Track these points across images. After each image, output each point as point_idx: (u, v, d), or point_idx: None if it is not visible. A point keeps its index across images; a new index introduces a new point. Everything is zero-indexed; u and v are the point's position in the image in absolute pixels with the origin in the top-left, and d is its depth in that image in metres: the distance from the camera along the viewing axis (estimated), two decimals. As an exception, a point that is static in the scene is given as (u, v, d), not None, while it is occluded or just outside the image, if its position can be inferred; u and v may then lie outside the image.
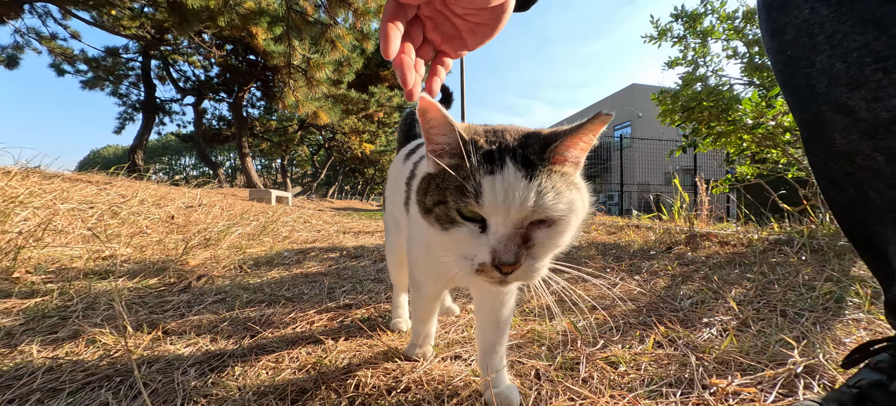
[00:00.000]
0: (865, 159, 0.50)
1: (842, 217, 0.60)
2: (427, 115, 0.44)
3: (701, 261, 1.74)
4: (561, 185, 0.43)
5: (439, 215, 0.44)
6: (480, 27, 0.52)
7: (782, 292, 1.16)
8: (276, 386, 0.71)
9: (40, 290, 1.47)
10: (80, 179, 4.11)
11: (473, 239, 0.42)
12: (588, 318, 0.99)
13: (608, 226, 3.37)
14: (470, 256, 0.42)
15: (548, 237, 0.43)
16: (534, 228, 0.42)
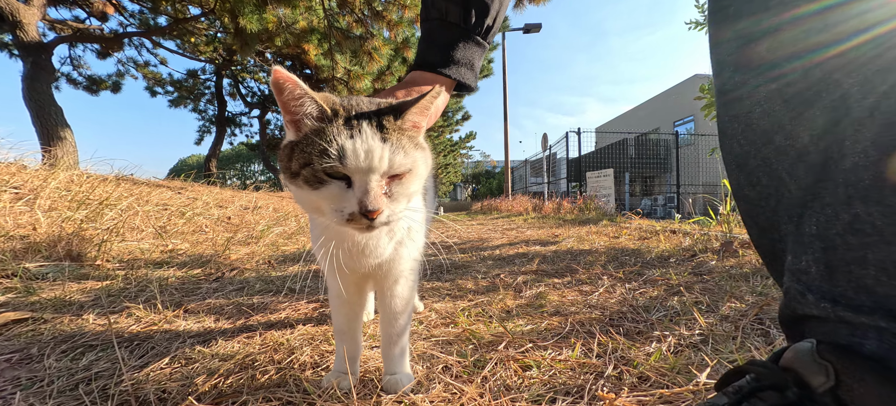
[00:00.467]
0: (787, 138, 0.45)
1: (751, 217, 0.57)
2: (285, 86, 0.47)
3: (721, 271, 1.61)
4: (408, 145, 0.50)
5: (307, 177, 0.48)
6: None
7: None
8: (237, 353, 0.85)
9: (112, 275, 1.82)
10: (162, 185, 4.85)
11: (342, 194, 0.48)
12: (539, 323, 1.00)
13: (643, 230, 3.19)
14: (340, 208, 0.47)
15: (400, 187, 0.50)
16: (390, 182, 0.50)
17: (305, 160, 0.48)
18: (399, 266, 0.64)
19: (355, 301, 0.69)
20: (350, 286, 0.68)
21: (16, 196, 2.75)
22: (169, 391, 0.71)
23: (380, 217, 0.47)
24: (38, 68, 5.12)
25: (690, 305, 1.13)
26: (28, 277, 1.67)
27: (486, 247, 2.71)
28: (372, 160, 0.47)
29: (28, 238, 2.14)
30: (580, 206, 5.66)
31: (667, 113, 15.12)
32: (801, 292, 0.42)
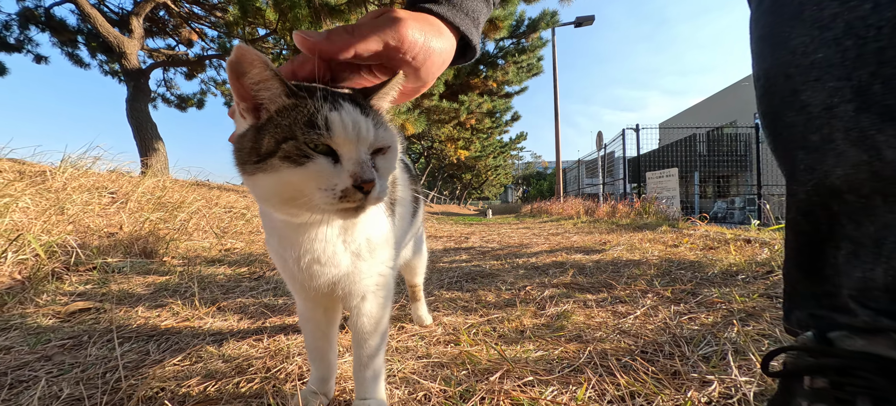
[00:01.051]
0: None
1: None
2: (252, 67, 0.42)
3: None
4: (386, 121, 0.49)
5: (289, 153, 0.41)
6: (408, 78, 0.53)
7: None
8: (239, 356, 0.86)
9: (172, 271, 2.03)
10: (230, 189, 5.41)
11: (331, 169, 0.43)
12: (552, 350, 0.88)
13: (709, 238, 2.79)
14: (331, 186, 0.42)
15: (386, 162, 0.48)
16: (374, 157, 0.47)
17: (286, 134, 0.42)
18: (361, 282, 0.58)
19: (322, 319, 0.65)
20: (314, 303, 0.63)
21: (112, 199, 3.22)
22: (165, 389, 0.74)
23: (373, 191, 0.43)
24: (138, 90, 6.00)
25: (753, 341, 0.93)
26: (107, 270, 1.92)
27: (523, 253, 2.56)
28: (360, 131, 0.44)
29: (115, 236, 2.48)
30: (638, 210, 5.17)
31: (745, 103, 13.25)
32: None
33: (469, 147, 15.41)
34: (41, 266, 1.70)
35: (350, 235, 0.55)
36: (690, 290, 1.39)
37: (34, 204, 2.44)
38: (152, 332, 1.13)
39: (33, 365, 0.93)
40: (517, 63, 9.29)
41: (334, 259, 0.54)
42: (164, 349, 1.00)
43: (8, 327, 1.20)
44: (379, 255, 0.58)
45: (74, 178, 3.26)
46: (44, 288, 1.57)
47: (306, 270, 0.53)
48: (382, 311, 0.62)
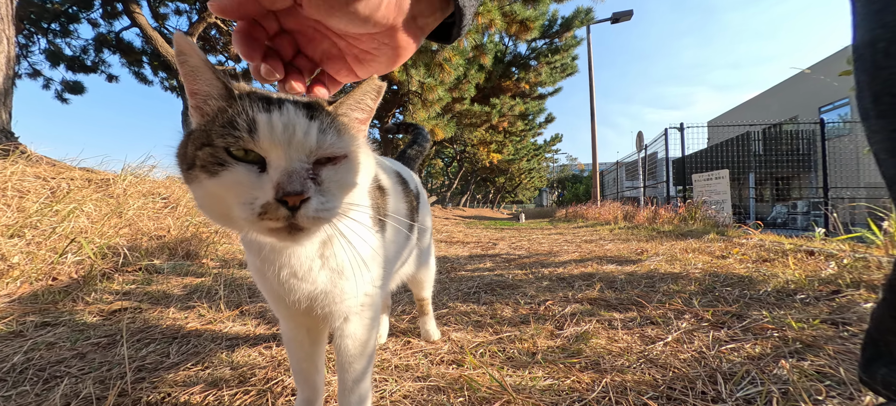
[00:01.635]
0: None
1: None
2: (189, 58, 0.38)
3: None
4: (344, 129, 0.42)
5: (204, 160, 0.37)
6: (367, 55, 0.43)
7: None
8: (244, 364, 0.87)
9: (208, 273, 2.15)
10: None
11: (252, 179, 0.36)
12: (563, 378, 0.80)
13: (764, 249, 2.50)
14: (250, 200, 0.35)
15: (336, 173, 0.39)
16: (320, 167, 0.39)
17: (204, 140, 0.37)
18: (344, 302, 0.54)
19: (305, 340, 0.61)
20: (297, 324, 0.60)
21: (164, 204, 3.51)
22: (171, 395, 0.75)
23: (306, 207, 0.35)
24: (191, 102, 6.54)
25: (810, 381, 0.79)
26: (151, 271, 2.07)
27: (551, 263, 2.44)
28: (293, 134, 0.37)
29: (163, 239, 2.67)
30: (682, 215, 4.79)
31: (808, 96, 11.84)
32: None
33: (502, 150, 15.21)
34: (94, 268, 1.86)
35: (329, 250, 0.51)
36: (736, 312, 1.23)
37: (96, 209, 2.70)
38: (176, 333, 1.18)
39: (69, 361, 1.00)
40: (550, 63, 9.04)
41: (310, 275, 0.50)
42: (183, 352, 1.04)
43: (57, 323, 1.31)
44: (365, 274, 0.55)
45: (133, 185, 3.58)
46: (93, 287, 1.71)
47: (284, 284, 0.50)
48: (369, 332, 0.58)
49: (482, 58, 6.57)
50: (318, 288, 0.52)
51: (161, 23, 8.07)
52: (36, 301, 1.49)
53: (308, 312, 0.54)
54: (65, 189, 2.95)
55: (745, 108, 15.45)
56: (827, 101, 11.15)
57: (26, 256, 1.85)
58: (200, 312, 1.39)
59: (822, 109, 11.24)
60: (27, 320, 1.32)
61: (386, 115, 12.84)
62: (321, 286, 0.52)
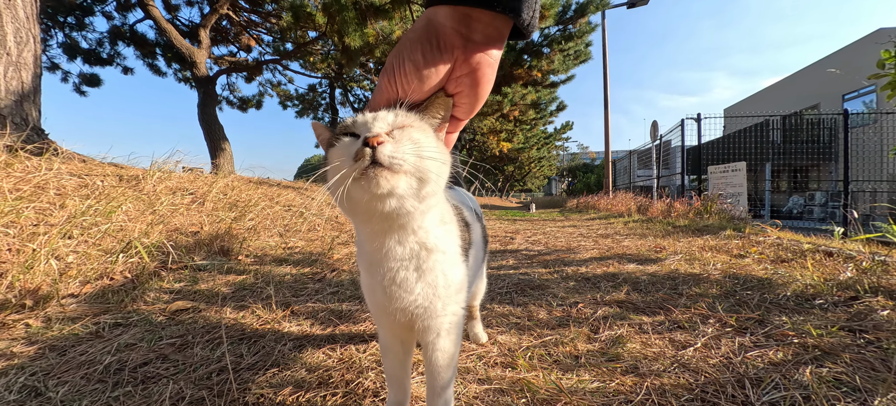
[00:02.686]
0: None
1: None
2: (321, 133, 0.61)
3: (894, 329, 1.19)
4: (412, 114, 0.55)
5: (329, 145, 0.56)
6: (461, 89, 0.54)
7: None
8: (320, 367, 0.98)
9: (247, 270, 2.27)
10: (289, 186, 5.82)
11: (352, 143, 0.52)
12: (608, 381, 0.89)
13: (782, 248, 2.55)
14: (350, 154, 0.50)
15: (403, 133, 0.52)
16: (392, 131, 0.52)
17: (330, 142, 0.56)
18: (437, 319, 0.64)
19: (400, 350, 0.71)
20: (394, 336, 0.70)
21: (192, 199, 3.64)
22: (264, 397, 0.86)
23: (383, 148, 0.48)
24: (207, 96, 6.62)
25: (828, 387, 0.87)
26: (194, 269, 2.20)
27: (572, 261, 2.52)
28: (376, 116, 0.52)
29: (197, 235, 2.81)
30: (697, 209, 4.82)
31: (832, 84, 11.49)
32: None
33: (512, 139, 15.17)
34: (145, 267, 1.98)
35: (423, 264, 0.60)
36: (758, 318, 1.31)
37: (134, 207, 2.84)
38: (242, 334, 1.29)
39: (155, 363, 1.12)
40: (563, 51, 8.93)
41: (408, 284, 0.60)
42: (254, 352, 1.15)
43: (128, 324, 1.43)
44: (455, 296, 0.64)
45: (161, 181, 3.72)
46: (148, 286, 1.84)
47: (387, 291, 0.60)
48: (455, 347, 0.68)
49: (495, 47, 6.55)
50: (417, 301, 0.61)
51: (173, 15, 8.11)
52: (103, 301, 1.62)
53: (408, 326, 0.64)
54: (100, 187, 3.09)
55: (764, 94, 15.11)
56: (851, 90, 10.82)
57: (81, 256, 1.98)
58: (255, 312, 1.51)
59: (846, 97, 10.90)
60: (100, 320, 1.44)
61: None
62: (420, 300, 0.61)
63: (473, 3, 0.47)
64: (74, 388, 0.98)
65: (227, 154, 6.53)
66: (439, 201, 0.60)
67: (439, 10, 0.50)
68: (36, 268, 1.71)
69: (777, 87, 14.59)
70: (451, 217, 0.64)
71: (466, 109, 0.57)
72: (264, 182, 5.32)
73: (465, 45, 0.50)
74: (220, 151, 6.40)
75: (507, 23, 0.50)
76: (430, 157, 0.52)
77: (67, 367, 1.10)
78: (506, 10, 0.47)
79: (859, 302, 1.43)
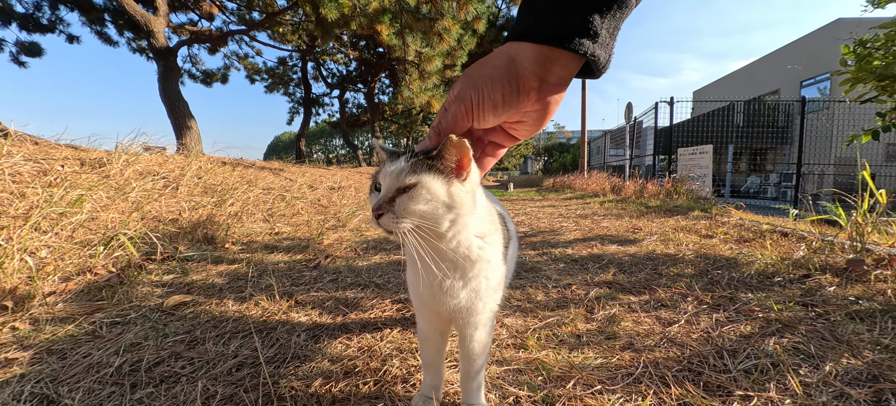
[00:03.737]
0: None
1: None
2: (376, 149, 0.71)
3: (839, 303, 1.35)
4: (422, 169, 0.59)
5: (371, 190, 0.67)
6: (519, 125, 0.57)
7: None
8: (342, 356, 1.03)
9: (237, 258, 2.23)
10: (265, 167, 5.62)
11: (374, 197, 0.62)
12: (610, 357, 1.00)
13: (744, 229, 2.80)
14: (371, 203, 0.62)
15: (406, 198, 0.58)
16: (397, 193, 0.59)
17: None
18: (476, 316, 0.71)
19: (438, 340, 0.79)
20: (433, 327, 0.78)
21: (165, 184, 3.46)
22: (296, 390, 0.90)
23: (382, 220, 0.58)
24: (168, 69, 6.15)
25: (788, 355, 1.02)
26: (181, 260, 2.14)
27: (558, 243, 2.66)
28: (387, 176, 0.60)
29: (177, 222, 2.70)
30: (667, 190, 5.13)
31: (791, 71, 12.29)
32: None
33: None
34: (131, 259, 1.91)
35: (469, 273, 0.67)
36: (729, 296, 1.47)
37: (104, 194, 2.67)
38: (250, 327, 1.31)
39: (168, 361, 1.11)
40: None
41: (452, 291, 0.67)
42: (270, 345, 1.18)
43: (127, 321, 1.40)
44: (493, 296, 0.72)
45: (129, 164, 3.50)
46: (136, 280, 1.79)
47: (435, 298, 0.68)
48: (489, 337, 0.76)
49: (476, 23, 6.46)
50: (461, 304, 0.68)
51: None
52: (91, 298, 1.57)
53: (448, 320, 0.73)
54: (62, 173, 2.88)
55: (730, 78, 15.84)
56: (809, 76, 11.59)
57: (56, 251, 1.88)
58: (259, 303, 1.51)
59: (804, 83, 11.71)
60: (96, 319, 1.40)
61: (372, 80, 12.47)
62: (463, 303, 0.69)
63: (555, 43, 0.47)
64: (90, 394, 0.97)
65: (194, 133, 6.16)
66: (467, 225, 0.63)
67: (522, 49, 0.49)
68: (7, 265, 1.62)
69: (742, 71, 15.34)
70: (492, 226, 0.70)
71: (526, 133, 0.59)
72: (239, 163, 5.10)
73: (541, 87, 0.50)
74: (187, 130, 6.03)
75: (580, 62, 0.49)
76: (431, 215, 0.58)
77: (74, 371, 1.08)
78: (586, 53, 0.46)
79: (811, 279, 1.63)
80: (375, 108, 12.58)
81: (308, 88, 11.15)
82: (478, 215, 0.65)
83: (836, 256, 1.90)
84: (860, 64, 2.37)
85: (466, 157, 0.57)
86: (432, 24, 5.44)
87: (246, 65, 9.74)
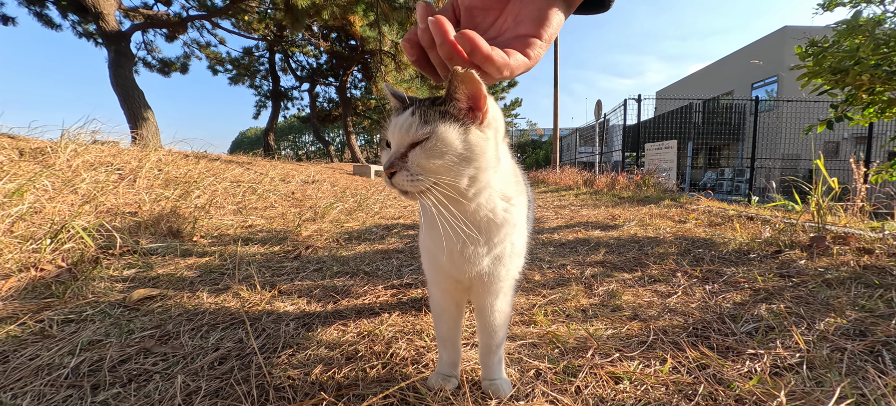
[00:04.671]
0: None
1: None
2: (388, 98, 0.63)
3: (812, 274, 1.45)
4: (434, 117, 0.53)
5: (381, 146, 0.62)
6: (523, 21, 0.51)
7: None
8: (341, 343, 0.95)
9: (208, 251, 2.06)
10: (232, 161, 5.29)
11: (385, 154, 0.58)
12: (620, 328, 1.00)
13: (712, 214, 2.96)
14: (383, 162, 0.57)
15: (419, 153, 0.53)
16: (410, 148, 0.54)
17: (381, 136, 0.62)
18: (498, 284, 0.67)
19: (454, 312, 0.74)
20: (449, 298, 0.72)
21: (120, 176, 3.16)
22: (293, 378, 0.82)
23: (395, 179, 0.53)
24: (119, 55, 5.65)
25: (783, 318, 1.06)
26: (144, 253, 1.95)
27: (543, 230, 2.68)
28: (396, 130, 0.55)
29: (136, 216, 2.46)
30: (637, 182, 5.34)
31: (744, 73, 13.34)
32: None
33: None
34: (85, 253, 1.71)
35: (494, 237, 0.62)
36: (715, 270, 1.53)
37: (50, 186, 2.39)
38: (232, 318, 1.19)
39: (137, 358, 0.99)
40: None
41: (474, 257, 0.62)
42: (256, 335, 1.08)
43: (83, 319, 1.24)
44: (516, 262, 0.67)
45: (77, 155, 3.16)
46: (92, 275, 1.60)
47: (454, 265, 0.63)
48: (510, 308, 0.72)
49: (452, 19, 6.40)
50: (484, 271, 0.63)
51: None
52: (38, 296, 1.38)
53: (465, 290, 0.68)
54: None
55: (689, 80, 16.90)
56: (759, 78, 12.62)
57: (-9, 245, 1.65)
58: (239, 294, 1.39)
59: (755, 85, 12.75)
60: (44, 317, 1.23)
61: (344, 73, 12.09)
62: (486, 269, 0.64)
63: None
64: (41, 398, 0.83)
65: (151, 125, 5.70)
66: (489, 183, 0.57)
67: None
68: (-68, 261, 1.40)
69: (700, 73, 16.39)
70: (517, 187, 0.64)
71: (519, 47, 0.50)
72: (203, 156, 4.76)
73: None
74: (143, 121, 5.57)
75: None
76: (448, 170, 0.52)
77: (18, 374, 0.93)
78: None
79: (782, 254, 1.73)
80: (348, 103, 12.23)
81: (276, 81, 10.62)
82: (502, 172, 0.60)
83: (799, 236, 2.03)
84: (816, 59, 2.56)
85: (479, 91, 0.51)
86: (409, 14, 5.34)
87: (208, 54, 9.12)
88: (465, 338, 0.96)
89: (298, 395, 0.74)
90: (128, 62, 5.87)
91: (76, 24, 7.08)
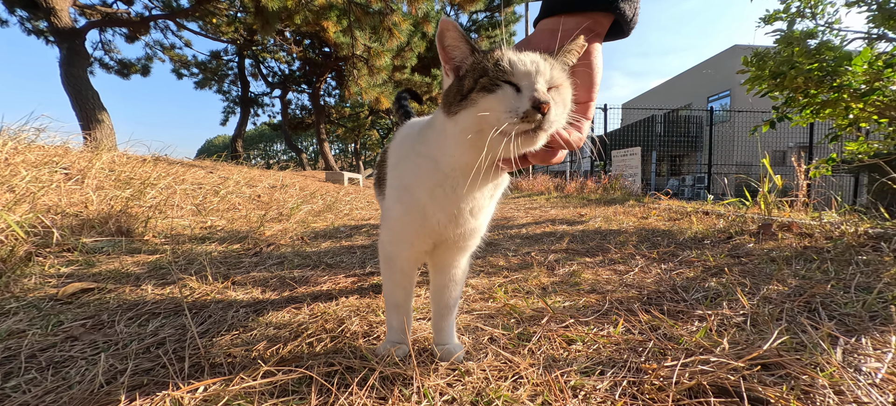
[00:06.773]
0: None
1: None
2: (448, 32, 0.55)
3: (760, 254, 1.55)
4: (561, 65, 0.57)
5: (485, 85, 0.53)
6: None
7: (831, 293, 1.02)
8: (290, 322, 0.90)
9: (160, 249, 1.94)
10: (195, 165, 5.05)
11: (514, 96, 0.52)
12: (577, 300, 1.01)
13: (673, 211, 3.10)
14: (514, 108, 0.51)
15: (559, 95, 0.55)
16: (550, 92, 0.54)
17: (481, 73, 0.54)
18: (474, 241, 0.68)
19: (413, 277, 0.74)
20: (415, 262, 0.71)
21: (66, 176, 2.93)
22: (234, 356, 0.77)
23: (550, 113, 0.51)
24: (72, 53, 5.32)
25: (731, 286, 1.11)
26: (86, 251, 1.80)
27: (512, 226, 2.71)
28: (538, 66, 0.53)
29: (81, 215, 2.28)
30: (605, 186, 5.53)
31: (700, 87, 14.37)
32: None
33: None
34: (15, 248, 1.56)
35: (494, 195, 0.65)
36: (671, 252, 1.59)
37: (-21, 181, 2.18)
38: (176, 307, 1.12)
39: (61, 345, 0.90)
40: (491, 38, 9.28)
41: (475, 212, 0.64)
42: (200, 322, 1.01)
43: (5, 312, 1.12)
44: (484, 227, 0.70)
45: (18, 152, 2.91)
46: (23, 272, 1.46)
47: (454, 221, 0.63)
48: (468, 265, 0.75)
49: (426, 26, 6.48)
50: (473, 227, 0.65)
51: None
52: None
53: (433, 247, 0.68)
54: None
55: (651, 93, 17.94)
56: (714, 92, 13.61)
57: None
58: (188, 285, 1.31)
59: (710, 98, 13.72)
60: (-43, 309, 1.11)
61: (317, 80, 11.91)
62: (477, 226, 0.66)
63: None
64: (-57, 384, 0.74)
65: (105, 127, 5.37)
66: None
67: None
68: None
69: (661, 87, 17.43)
70: None
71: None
72: (162, 159, 4.51)
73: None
74: (97, 124, 5.24)
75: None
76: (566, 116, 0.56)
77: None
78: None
79: (733, 240, 1.83)
80: (321, 110, 12.03)
81: (246, 86, 10.30)
82: None
83: (749, 226, 2.16)
84: (758, 65, 2.77)
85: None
86: (382, 18, 5.35)
87: (172, 56, 8.73)
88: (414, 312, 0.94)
89: (236, 370, 0.69)
90: (82, 61, 5.53)
91: (26, 21, 6.63)
